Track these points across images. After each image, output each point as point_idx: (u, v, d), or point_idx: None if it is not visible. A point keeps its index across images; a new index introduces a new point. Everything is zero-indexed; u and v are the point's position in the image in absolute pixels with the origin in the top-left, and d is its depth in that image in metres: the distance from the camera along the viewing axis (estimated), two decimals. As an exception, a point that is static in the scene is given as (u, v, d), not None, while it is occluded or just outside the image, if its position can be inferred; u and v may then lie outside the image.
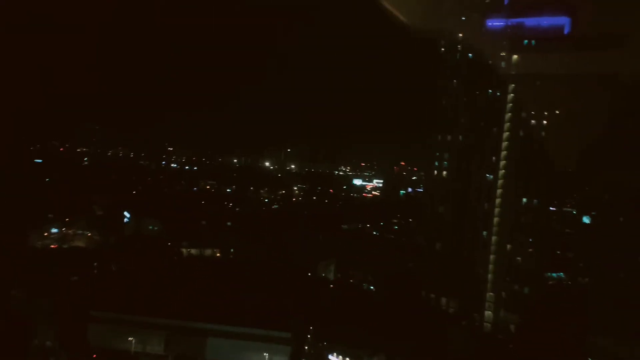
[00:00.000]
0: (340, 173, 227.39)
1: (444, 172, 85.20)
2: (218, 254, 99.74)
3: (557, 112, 77.44)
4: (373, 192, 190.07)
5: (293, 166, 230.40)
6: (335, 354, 67.36)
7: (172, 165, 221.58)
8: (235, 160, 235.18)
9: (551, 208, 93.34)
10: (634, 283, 68.12)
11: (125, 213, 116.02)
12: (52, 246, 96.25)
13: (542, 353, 59.08)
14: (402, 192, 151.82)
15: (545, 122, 78.37)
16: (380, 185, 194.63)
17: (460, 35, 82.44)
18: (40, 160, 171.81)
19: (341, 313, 65.54)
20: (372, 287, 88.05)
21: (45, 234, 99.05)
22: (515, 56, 78.17)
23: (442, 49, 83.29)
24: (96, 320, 63.31)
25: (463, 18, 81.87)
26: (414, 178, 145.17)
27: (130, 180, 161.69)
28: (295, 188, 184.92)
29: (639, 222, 72.82)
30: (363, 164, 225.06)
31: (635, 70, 63.50)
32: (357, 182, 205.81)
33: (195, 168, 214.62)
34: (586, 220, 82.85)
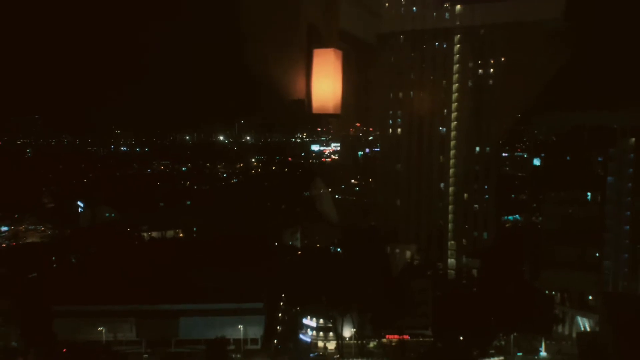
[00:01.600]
0: (297, 140, 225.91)
1: (398, 130, 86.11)
2: (181, 234, 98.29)
3: (503, 59, 79.11)
4: (331, 157, 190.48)
5: (248, 138, 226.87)
6: (308, 317, 68.73)
7: (122, 148, 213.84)
8: (187, 137, 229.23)
9: (503, 154, 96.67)
10: (581, 217, 72.00)
11: (79, 203, 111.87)
12: (3, 245, 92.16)
13: (502, 291, 62.19)
14: (360, 153, 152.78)
15: (492, 70, 79.99)
16: (338, 148, 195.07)
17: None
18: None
19: (311, 278, 66.37)
20: (338, 249, 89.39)
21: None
22: (458, 7, 78.58)
23: (386, 5, 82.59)
24: (62, 314, 61.65)
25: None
26: (370, 138, 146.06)
27: (79, 168, 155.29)
28: (253, 160, 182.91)
29: (584, 159, 76.38)
30: (319, 129, 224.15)
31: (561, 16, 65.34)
32: (315, 147, 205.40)
33: (146, 149, 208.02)
34: (536, 162, 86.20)
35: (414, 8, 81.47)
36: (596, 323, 63.85)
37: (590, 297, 68.06)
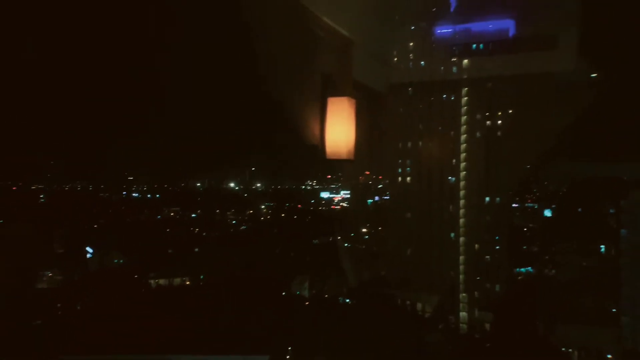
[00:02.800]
0: (307, 187, 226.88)
1: (408, 178, 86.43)
2: (188, 282, 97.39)
3: (510, 111, 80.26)
4: (341, 204, 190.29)
5: (259, 185, 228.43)
6: (316, 371, 66.47)
7: (134, 194, 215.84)
8: (198, 184, 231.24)
9: (514, 204, 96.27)
10: (596, 270, 70.55)
11: (88, 248, 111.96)
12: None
13: (517, 347, 60.11)
14: (369, 201, 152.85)
15: (500, 122, 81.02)
16: (348, 196, 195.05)
17: (411, 44, 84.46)
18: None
19: (319, 329, 64.80)
20: (347, 300, 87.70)
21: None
22: (465, 60, 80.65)
23: (395, 60, 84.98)
24: (64, 363, 60.30)
25: (412, 28, 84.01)
26: (379, 186, 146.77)
27: (91, 213, 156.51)
28: (263, 207, 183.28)
29: (595, 210, 75.87)
30: (329, 177, 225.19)
31: (569, 68, 66.78)
32: (325, 195, 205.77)
33: (157, 195, 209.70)
34: (548, 213, 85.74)
35: (422, 62, 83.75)
36: (617, 382, 61.03)
37: (610, 356, 65.39)
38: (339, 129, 10.05)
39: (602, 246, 71.45)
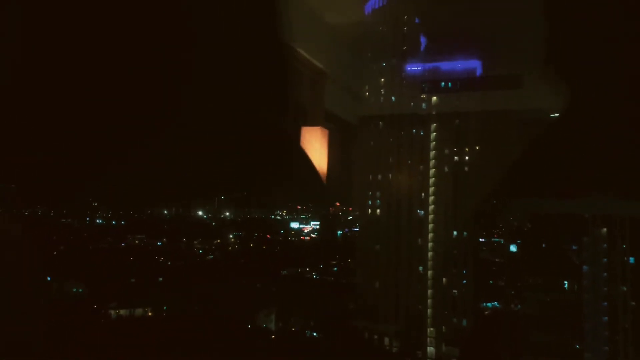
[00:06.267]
0: (277, 217, 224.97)
1: (377, 211, 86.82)
2: (150, 313, 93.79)
3: (477, 147, 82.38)
4: (311, 235, 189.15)
5: (228, 213, 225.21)
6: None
7: (98, 221, 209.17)
8: (165, 212, 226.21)
9: (480, 239, 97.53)
10: (560, 306, 71.60)
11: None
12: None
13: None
14: (339, 232, 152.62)
15: (467, 157, 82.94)
16: (318, 227, 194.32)
17: (382, 80, 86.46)
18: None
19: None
20: (314, 334, 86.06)
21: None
22: (434, 97, 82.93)
23: (367, 94, 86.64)
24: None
25: (383, 64, 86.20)
26: (349, 218, 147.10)
27: (51, 240, 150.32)
28: (231, 236, 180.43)
29: (558, 246, 77.58)
30: (299, 207, 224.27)
31: (532, 107, 69.79)
32: (294, 225, 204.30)
33: (122, 222, 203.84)
34: (513, 248, 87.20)
35: (393, 97, 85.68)
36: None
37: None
38: (312, 157, 9.93)
39: (565, 282, 72.92)
